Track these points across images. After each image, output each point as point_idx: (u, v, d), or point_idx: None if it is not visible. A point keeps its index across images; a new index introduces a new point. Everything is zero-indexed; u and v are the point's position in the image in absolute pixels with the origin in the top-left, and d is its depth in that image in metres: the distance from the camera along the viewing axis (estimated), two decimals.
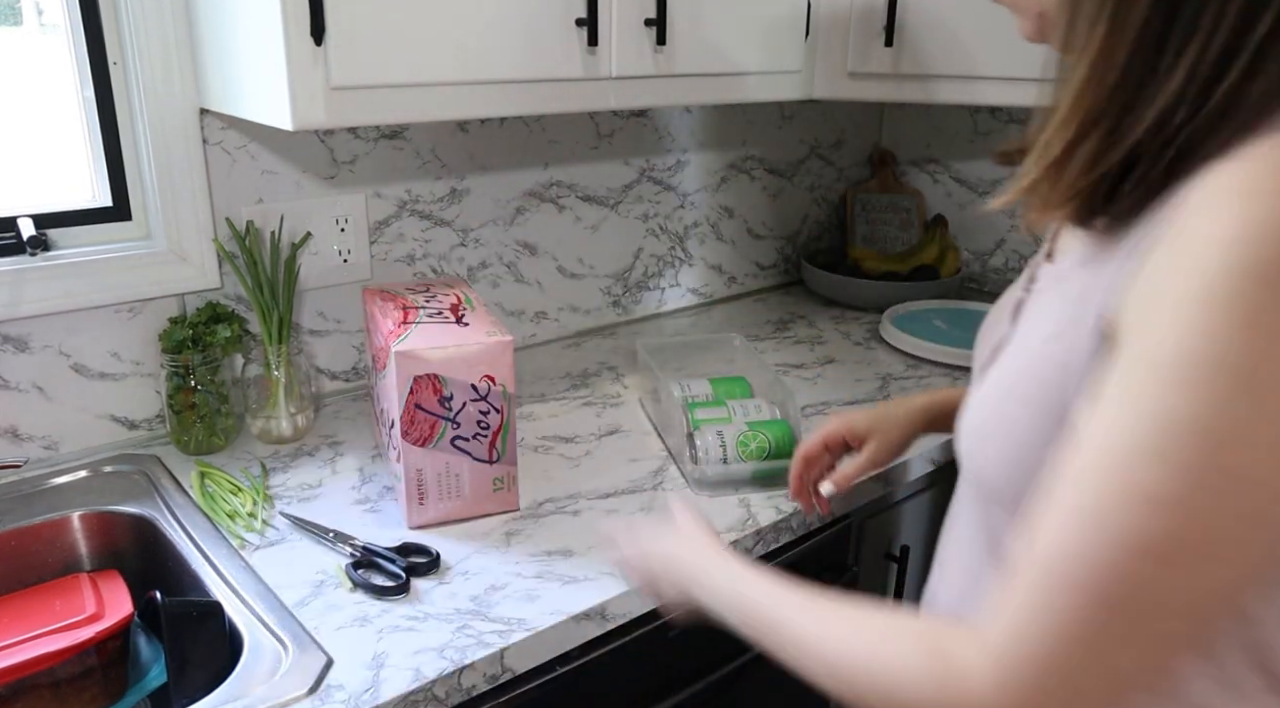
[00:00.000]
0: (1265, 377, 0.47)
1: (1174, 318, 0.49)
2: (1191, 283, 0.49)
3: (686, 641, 1.10)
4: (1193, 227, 0.50)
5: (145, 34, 1.18)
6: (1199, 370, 0.48)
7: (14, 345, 1.19)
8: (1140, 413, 0.49)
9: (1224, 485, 0.47)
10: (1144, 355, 0.50)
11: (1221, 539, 0.48)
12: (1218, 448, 0.47)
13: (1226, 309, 0.47)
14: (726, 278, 2.00)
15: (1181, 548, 0.48)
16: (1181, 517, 0.48)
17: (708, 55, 1.32)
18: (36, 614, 1.02)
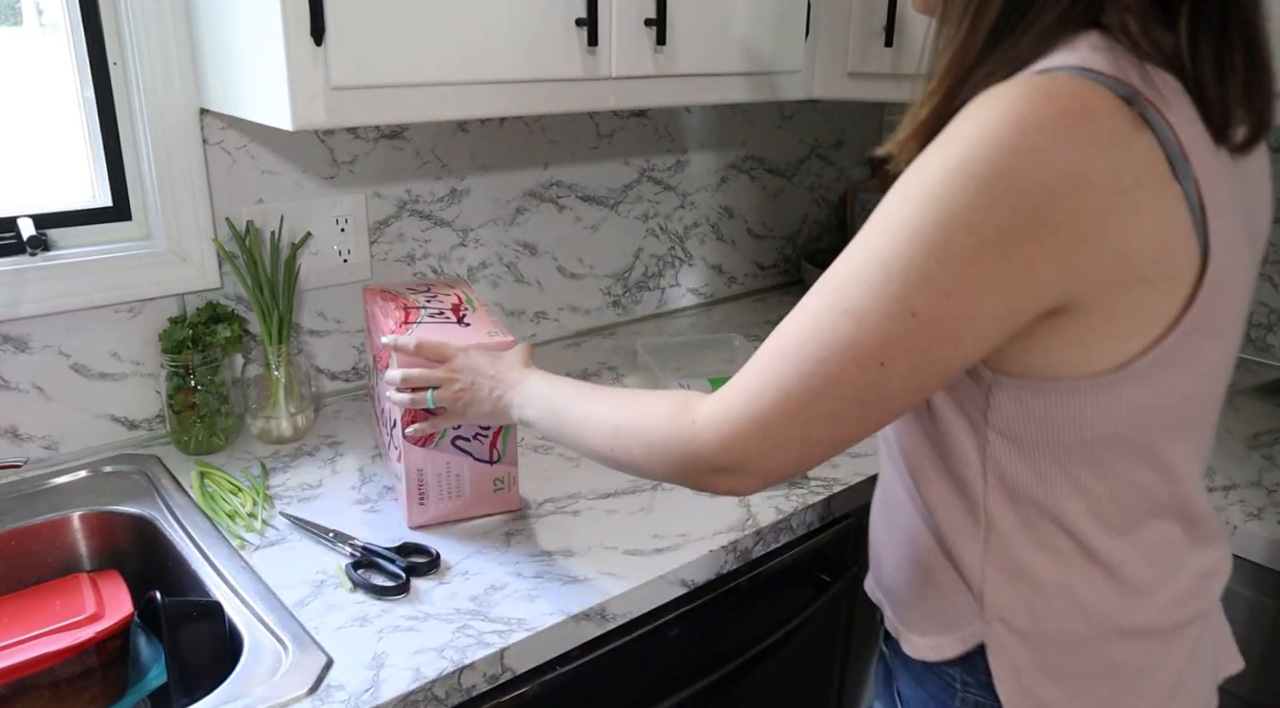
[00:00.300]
0: (939, 238, 0.59)
1: (899, 187, 0.63)
2: (913, 167, 0.62)
3: (686, 641, 1.10)
4: (942, 134, 0.62)
5: (145, 34, 1.18)
6: (896, 224, 0.61)
7: (14, 345, 1.19)
8: (861, 248, 0.63)
9: (898, 312, 0.61)
10: (878, 210, 0.64)
11: (891, 353, 0.61)
12: (899, 284, 0.60)
13: (920, 185, 0.60)
14: (726, 278, 2.00)
15: (862, 351, 0.62)
16: (865, 328, 0.62)
17: (708, 55, 1.32)
18: (36, 614, 1.02)
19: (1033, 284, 0.59)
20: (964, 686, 0.74)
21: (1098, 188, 0.58)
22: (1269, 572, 1.14)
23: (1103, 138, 0.58)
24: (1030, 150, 0.57)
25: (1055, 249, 0.58)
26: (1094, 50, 0.61)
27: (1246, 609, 1.16)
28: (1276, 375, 1.62)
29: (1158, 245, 0.60)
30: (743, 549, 1.10)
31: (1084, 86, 0.59)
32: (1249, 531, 1.13)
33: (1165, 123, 0.60)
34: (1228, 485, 1.23)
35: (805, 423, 0.65)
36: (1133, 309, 0.62)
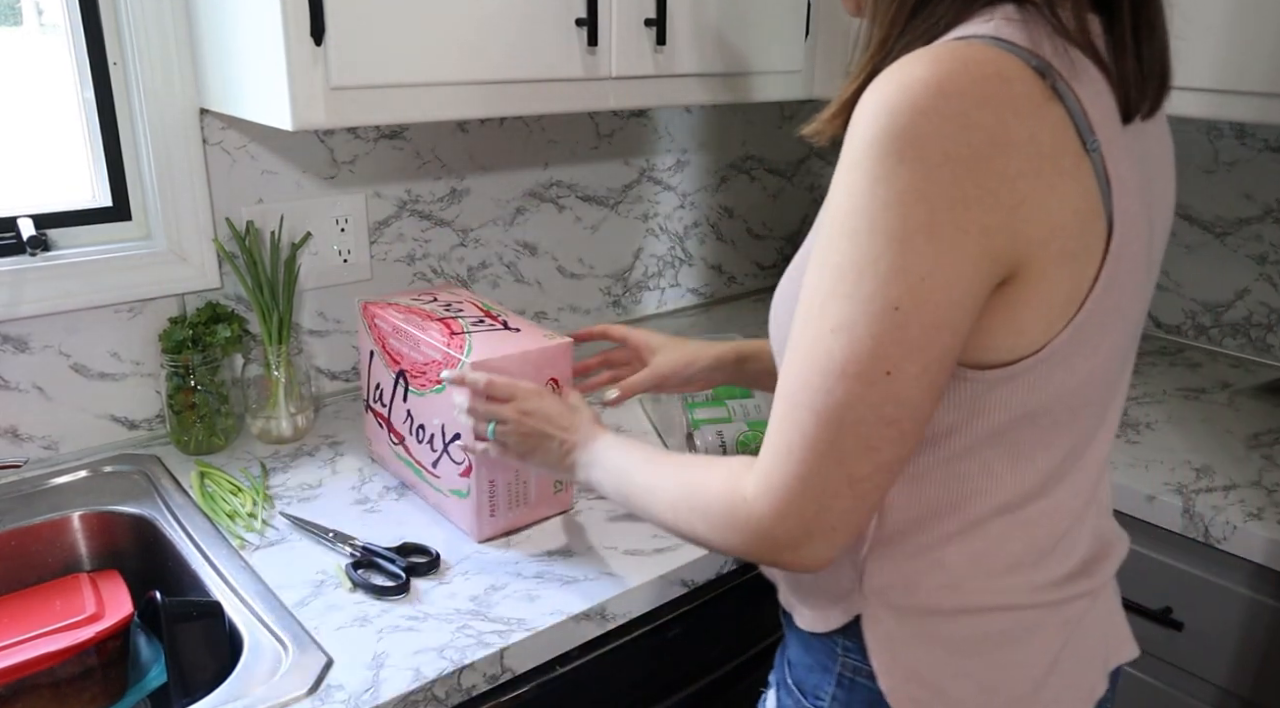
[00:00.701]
0: (895, 220, 0.58)
1: (839, 182, 0.61)
2: (846, 154, 0.61)
3: (686, 641, 1.10)
4: (854, 113, 0.61)
5: (145, 34, 1.18)
6: (852, 221, 0.60)
7: (14, 345, 1.19)
8: (824, 263, 0.62)
9: (880, 310, 0.59)
10: (828, 217, 0.62)
11: (891, 356, 0.59)
12: (873, 282, 0.59)
13: (861, 170, 0.59)
14: (726, 278, 2.00)
15: (863, 365, 0.60)
16: (855, 340, 0.60)
17: (708, 55, 1.32)
18: (36, 614, 1.02)
19: (991, 254, 0.59)
20: (844, 650, 0.76)
21: (1022, 152, 0.58)
22: (1269, 572, 1.14)
23: (1019, 104, 0.59)
24: (953, 114, 0.57)
25: (1003, 213, 0.59)
26: (1008, 21, 0.62)
27: (1246, 609, 1.16)
28: (1276, 375, 1.62)
29: (1079, 216, 0.61)
30: None
31: (998, 54, 0.59)
32: (1249, 530, 1.13)
33: (1074, 96, 0.61)
34: (1228, 485, 1.23)
35: (842, 462, 0.62)
36: (1060, 285, 0.62)
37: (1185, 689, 1.24)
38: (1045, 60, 0.60)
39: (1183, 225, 1.75)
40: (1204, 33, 1.29)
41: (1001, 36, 0.61)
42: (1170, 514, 1.20)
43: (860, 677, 0.75)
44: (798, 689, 0.81)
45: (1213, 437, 1.38)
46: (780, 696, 0.84)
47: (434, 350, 1.04)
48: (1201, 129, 1.69)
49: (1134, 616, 1.24)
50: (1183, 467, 1.28)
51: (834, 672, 0.77)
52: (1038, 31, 0.62)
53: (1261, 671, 1.17)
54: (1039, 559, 0.73)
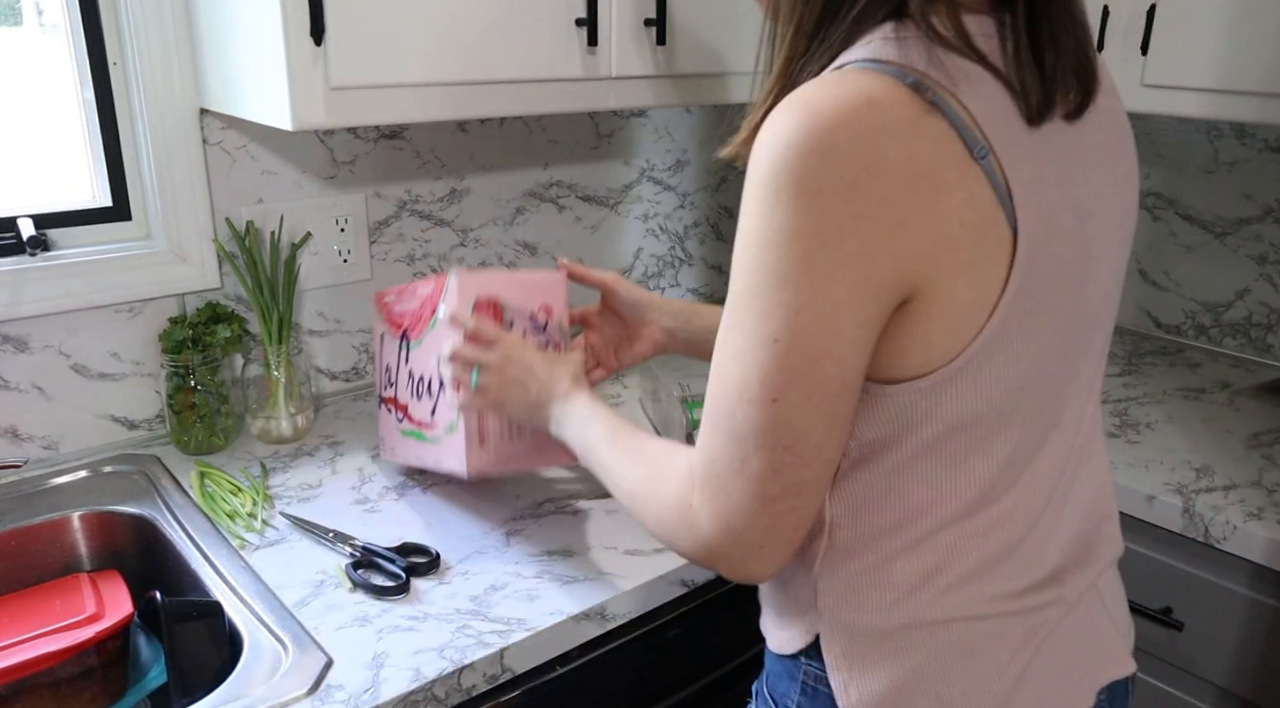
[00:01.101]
0: (773, 258, 0.61)
1: (740, 216, 0.64)
2: (745, 189, 0.63)
3: (686, 641, 1.10)
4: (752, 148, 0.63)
5: (145, 34, 1.18)
6: (742, 256, 0.63)
7: (14, 345, 1.19)
8: (730, 292, 0.65)
9: (761, 342, 0.62)
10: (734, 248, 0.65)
11: (776, 385, 0.62)
12: (756, 315, 0.62)
13: (749, 208, 0.62)
14: (726, 278, 1.99)
15: (753, 392, 0.62)
16: (744, 369, 0.63)
17: (708, 55, 1.32)
18: (36, 614, 1.02)
19: (874, 279, 0.60)
20: (806, 658, 0.77)
21: (897, 173, 0.59)
22: (1269, 572, 1.14)
23: (890, 126, 0.59)
24: (824, 149, 0.59)
25: (880, 238, 0.59)
26: (885, 41, 0.63)
27: (1246, 609, 1.16)
28: (1276, 375, 1.63)
29: (971, 226, 0.61)
30: None
31: (869, 79, 0.60)
32: (1249, 530, 1.13)
33: (958, 105, 0.61)
34: (1228, 485, 1.23)
35: (752, 481, 0.64)
36: (965, 295, 0.62)
37: (1185, 689, 1.24)
38: (920, 74, 0.61)
39: (1183, 225, 1.75)
40: (1204, 33, 1.29)
41: (879, 58, 0.62)
42: (1170, 514, 1.20)
43: (822, 685, 0.75)
44: (770, 696, 0.81)
45: (1213, 437, 1.38)
46: (758, 704, 0.84)
47: (426, 289, 1.06)
48: (1201, 129, 1.69)
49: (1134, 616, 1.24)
50: (1183, 467, 1.28)
51: (798, 679, 0.78)
52: (914, 46, 0.63)
53: (1261, 671, 1.17)
54: (993, 569, 0.71)
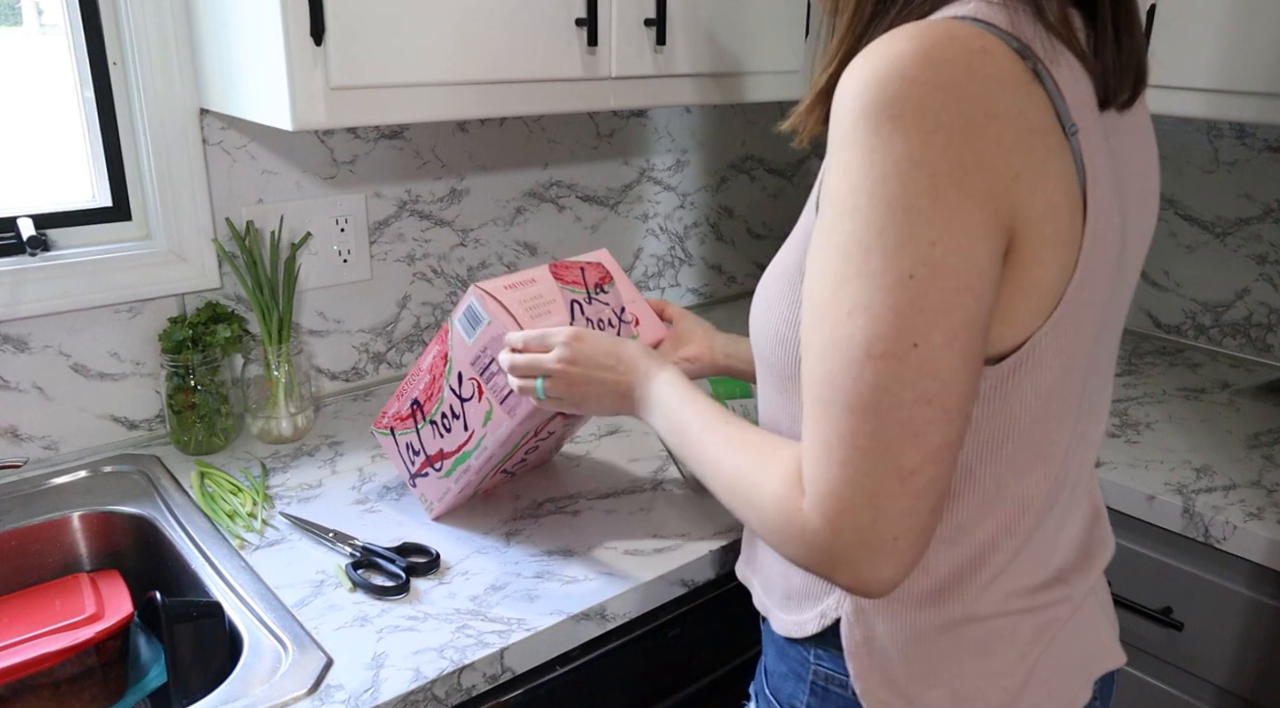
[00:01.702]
0: (896, 189, 0.56)
1: (833, 162, 0.60)
2: (836, 133, 0.60)
3: (686, 641, 1.10)
4: (837, 93, 0.61)
5: (145, 34, 1.18)
6: (851, 198, 0.58)
7: (14, 345, 1.19)
8: (829, 246, 0.59)
9: (895, 282, 0.56)
10: (826, 200, 0.61)
11: (916, 327, 0.56)
12: (882, 255, 0.57)
13: (854, 145, 0.58)
14: (726, 278, 2.00)
15: (887, 342, 0.56)
16: (876, 317, 0.57)
17: (708, 55, 1.32)
18: (36, 614, 1.02)
19: (998, 221, 0.58)
20: (816, 658, 0.76)
21: (1013, 125, 0.58)
22: (1269, 572, 1.14)
23: (1005, 79, 0.58)
24: (943, 84, 0.57)
25: (1001, 182, 0.57)
26: (988, 5, 0.62)
27: (1246, 609, 1.16)
28: (1276, 375, 1.62)
29: (1067, 201, 0.60)
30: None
31: (980, 32, 0.59)
32: (1249, 530, 1.13)
33: (1053, 80, 0.61)
34: (1228, 485, 1.23)
35: (888, 455, 0.57)
36: (1049, 271, 0.61)
37: (1185, 689, 1.24)
38: (1025, 43, 0.60)
39: (1183, 225, 1.75)
40: (1204, 33, 1.29)
41: (981, 18, 0.61)
42: (1170, 514, 1.20)
43: (833, 685, 0.75)
44: (774, 698, 0.80)
45: (1213, 437, 1.38)
46: (759, 706, 0.84)
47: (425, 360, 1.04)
48: (1201, 129, 1.69)
49: (1134, 616, 1.24)
50: (1183, 467, 1.28)
51: (807, 679, 0.77)
52: (1018, 16, 0.62)
53: (1261, 671, 1.17)
54: (1013, 564, 0.71)
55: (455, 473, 1.08)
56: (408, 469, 1.12)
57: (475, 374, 1.01)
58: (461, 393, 1.04)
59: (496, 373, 0.99)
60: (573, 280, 1.05)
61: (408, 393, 1.08)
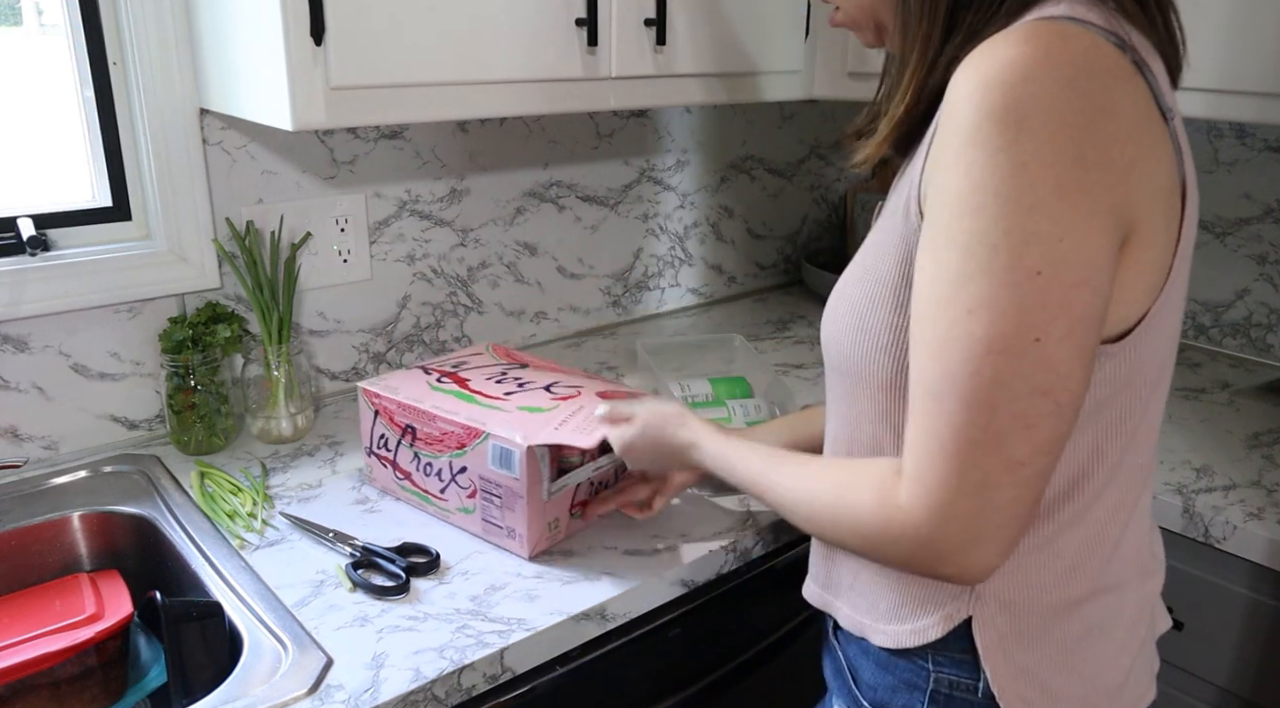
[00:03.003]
0: (1023, 187, 0.58)
1: (951, 163, 0.61)
2: (954, 137, 0.61)
3: (686, 641, 1.10)
4: (951, 98, 0.62)
5: (145, 34, 1.18)
6: (975, 197, 0.59)
7: (14, 345, 1.19)
8: (948, 245, 0.61)
9: (1021, 278, 0.58)
10: (940, 203, 0.62)
11: (1038, 323, 0.58)
12: (1008, 252, 0.58)
13: (978, 145, 0.59)
14: (726, 278, 2.00)
15: (1009, 338, 0.58)
16: (999, 313, 0.58)
17: (708, 55, 1.32)
18: (36, 614, 1.02)
19: (1115, 211, 0.60)
20: (935, 665, 0.75)
21: (1126, 118, 0.60)
22: (1269, 572, 1.14)
23: (1117, 73, 0.61)
24: (1065, 81, 0.59)
25: (1118, 173, 0.60)
26: (1079, 3, 0.65)
27: (1246, 609, 1.16)
28: (1276, 375, 1.62)
29: (1173, 185, 0.64)
30: (743, 549, 1.10)
31: (1084, 30, 0.62)
32: (1249, 530, 1.13)
33: (1150, 71, 0.64)
34: (1228, 485, 1.23)
35: (999, 447, 0.59)
36: (1162, 251, 0.64)
37: (1185, 689, 1.24)
38: (1122, 37, 0.63)
39: None
40: (1204, 33, 1.29)
41: (1079, 17, 0.63)
42: (1170, 514, 1.20)
43: (958, 691, 0.74)
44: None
45: (1213, 437, 1.38)
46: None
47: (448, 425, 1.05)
48: (1201, 129, 1.69)
49: None
50: (1183, 467, 1.28)
51: (925, 689, 0.75)
52: (1111, 15, 0.65)
53: (1261, 671, 1.17)
54: (1126, 536, 0.74)
55: (410, 494, 1.14)
56: (370, 442, 1.15)
57: (481, 487, 1.04)
58: (458, 481, 1.07)
59: (498, 504, 1.03)
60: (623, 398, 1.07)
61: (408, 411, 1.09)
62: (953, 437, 0.60)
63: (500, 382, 1.12)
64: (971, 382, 0.59)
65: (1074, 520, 0.71)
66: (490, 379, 1.13)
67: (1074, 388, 0.60)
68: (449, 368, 1.18)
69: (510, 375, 1.14)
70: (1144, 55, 0.64)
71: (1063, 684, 0.73)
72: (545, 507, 1.03)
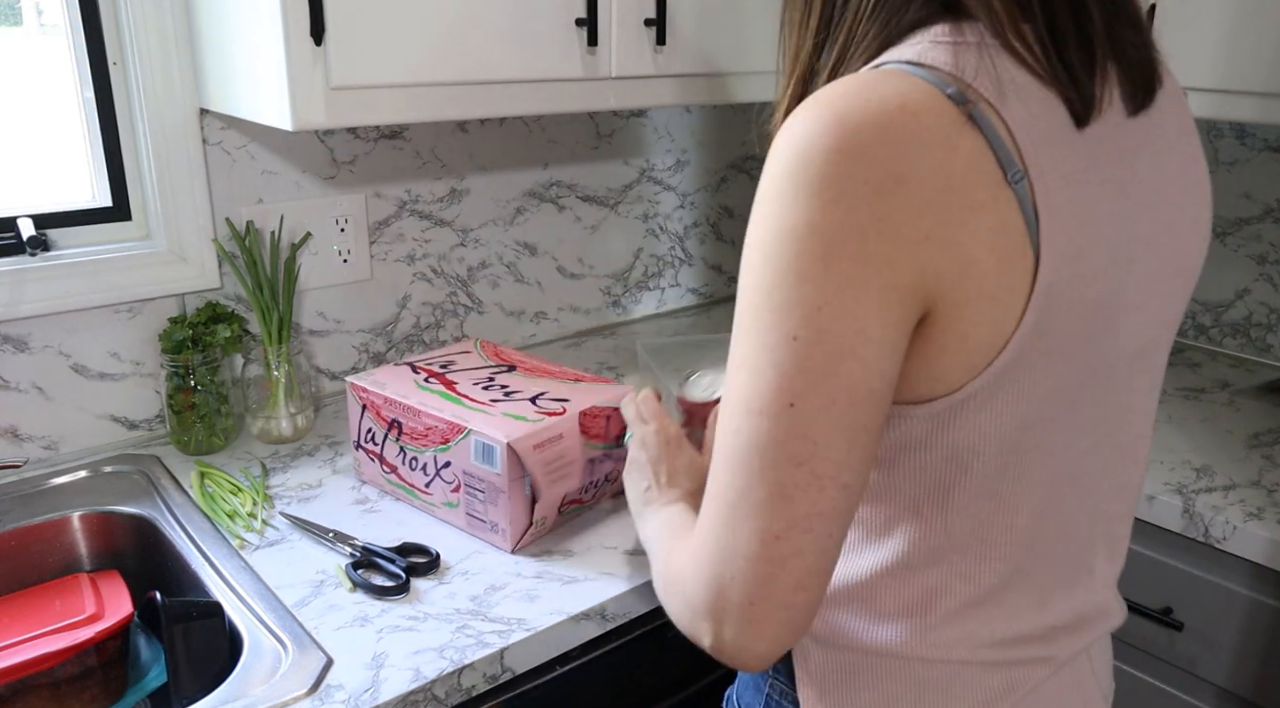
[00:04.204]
0: (791, 252, 0.56)
1: (751, 219, 0.60)
2: (759, 187, 0.60)
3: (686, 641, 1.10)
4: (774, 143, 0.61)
5: (145, 34, 1.18)
6: (751, 254, 0.59)
7: (14, 345, 1.19)
8: (740, 297, 0.60)
9: (779, 341, 0.57)
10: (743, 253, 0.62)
11: (793, 388, 0.56)
12: (770, 313, 0.57)
13: (763, 201, 0.59)
14: (726, 278, 2.00)
15: (765, 399, 0.57)
16: (758, 373, 0.57)
17: (708, 55, 1.32)
18: (36, 614, 1.02)
19: (898, 284, 0.56)
20: (774, 673, 0.77)
21: (927, 186, 0.56)
22: (1269, 572, 1.14)
23: (922, 136, 0.56)
24: (850, 150, 0.56)
25: (907, 248, 0.56)
26: (935, 44, 0.60)
27: (1246, 609, 1.16)
28: (1276, 375, 1.62)
29: (999, 253, 0.57)
30: None
31: (906, 83, 0.57)
32: (1249, 531, 1.13)
33: (998, 121, 0.57)
34: (1228, 485, 1.23)
35: (753, 514, 0.57)
36: (978, 327, 0.59)
37: (1185, 689, 1.24)
38: (964, 85, 0.58)
39: None
40: (1204, 33, 1.29)
41: (924, 61, 0.59)
42: (1170, 514, 1.20)
43: (786, 701, 0.76)
44: (738, 704, 0.82)
45: (1213, 437, 1.38)
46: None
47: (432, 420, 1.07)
48: (1201, 129, 1.69)
49: (1134, 616, 1.24)
50: (1183, 467, 1.28)
51: (764, 692, 0.78)
52: (968, 52, 0.59)
53: (1261, 671, 1.17)
54: (981, 612, 0.69)
55: (396, 487, 1.15)
56: (357, 436, 1.17)
57: (464, 482, 1.06)
58: (443, 475, 1.08)
59: (481, 499, 1.04)
60: (596, 434, 1.09)
61: (394, 406, 1.10)
62: (716, 496, 0.60)
63: (487, 388, 1.13)
64: (733, 441, 0.58)
65: (892, 582, 0.68)
66: (477, 385, 1.13)
67: (835, 459, 0.57)
68: (437, 368, 1.18)
69: (497, 382, 1.14)
70: (1001, 101, 0.58)
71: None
72: (530, 502, 1.04)
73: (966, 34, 0.60)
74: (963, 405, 0.61)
